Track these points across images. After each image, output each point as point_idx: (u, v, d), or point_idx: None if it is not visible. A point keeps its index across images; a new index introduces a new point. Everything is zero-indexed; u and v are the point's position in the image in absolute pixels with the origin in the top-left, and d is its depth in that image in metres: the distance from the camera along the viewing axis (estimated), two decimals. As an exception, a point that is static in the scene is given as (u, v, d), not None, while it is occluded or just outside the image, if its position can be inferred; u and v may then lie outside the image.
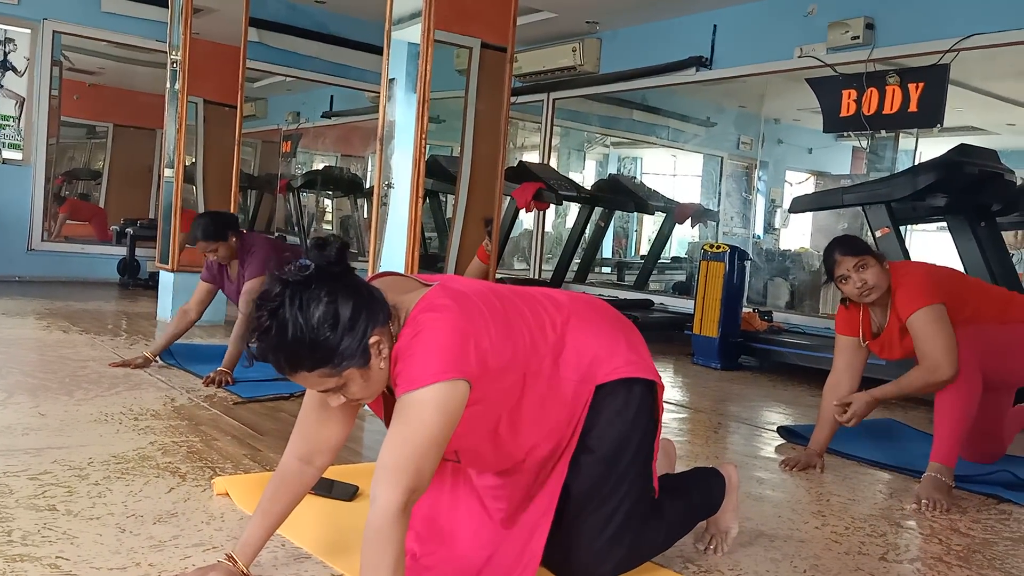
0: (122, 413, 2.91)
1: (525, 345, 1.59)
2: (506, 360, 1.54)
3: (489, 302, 1.58)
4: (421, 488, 1.40)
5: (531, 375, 1.61)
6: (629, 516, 1.70)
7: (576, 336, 1.68)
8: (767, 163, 7.22)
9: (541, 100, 8.05)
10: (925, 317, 2.69)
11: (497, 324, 1.54)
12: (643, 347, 1.81)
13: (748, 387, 4.69)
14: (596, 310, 1.80)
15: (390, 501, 1.35)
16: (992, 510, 2.63)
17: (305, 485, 1.65)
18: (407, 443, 1.39)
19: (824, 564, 2.04)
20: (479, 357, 1.47)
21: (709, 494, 1.99)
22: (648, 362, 1.77)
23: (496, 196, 3.76)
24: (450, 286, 1.55)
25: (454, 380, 1.41)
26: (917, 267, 2.90)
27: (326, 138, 10.37)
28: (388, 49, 3.46)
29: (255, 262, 3.79)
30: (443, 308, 1.46)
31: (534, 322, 1.65)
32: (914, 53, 5.27)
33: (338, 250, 1.44)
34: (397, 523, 1.35)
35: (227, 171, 5.68)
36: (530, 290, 1.77)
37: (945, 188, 4.32)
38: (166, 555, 1.74)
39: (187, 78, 5.35)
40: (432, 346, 1.42)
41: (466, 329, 1.46)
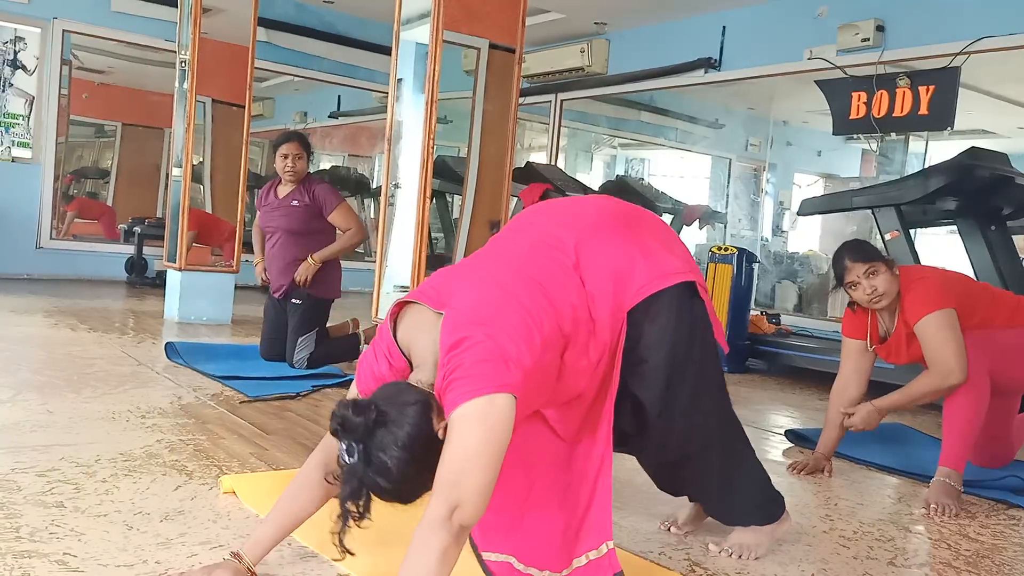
0: (129, 411, 2.92)
1: (552, 317, 1.55)
2: (540, 348, 1.51)
3: (502, 291, 1.53)
4: (469, 501, 1.38)
5: (567, 339, 1.60)
6: (696, 395, 1.79)
7: (592, 273, 1.65)
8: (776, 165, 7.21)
9: (549, 101, 8.05)
10: (935, 322, 2.67)
11: (519, 316, 1.50)
12: (659, 247, 1.76)
13: (756, 390, 4.67)
14: (601, 226, 1.75)
15: (432, 512, 1.38)
16: (1001, 515, 2.61)
17: (320, 498, 1.64)
18: (445, 460, 1.40)
19: (832, 568, 2.03)
20: (516, 364, 1.45)
21: (770, 492, 2.02)
22: (666, 265, 1.73)
23: (503, 197, 3.75)
24: (459, 306, 1.50)
25: (491, 395, 1.41)
26: (927, 272, 2.87)
27: (333, 138, 10.38)
28: (397, 49, 3.46)
29: (326, 190, 3.98)
30: (467, 340, 1.44)
31: (551, 283, 1.60)
32: (925, 55, 5.25)
33: (364, 408, 1.42)
34: (435, 533, 1.36)
35: (235, 170, 5.69)
36: (531, 234, 1.72)
37: (956, 191, 4.30)
38: (173, 552, 1.74)
39: (195, 77, 5.36)
40: (466, 373, 1.42)
41: (494, 350, 1.44)
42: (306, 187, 3.99)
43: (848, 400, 2.94)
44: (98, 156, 9.08)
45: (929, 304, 2.69)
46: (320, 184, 4.00)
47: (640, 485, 2.37)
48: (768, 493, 2.04)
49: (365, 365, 1.63)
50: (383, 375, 1.59)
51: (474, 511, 1.39)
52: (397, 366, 1.58)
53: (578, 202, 1.91)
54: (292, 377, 3.74)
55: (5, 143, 6.95)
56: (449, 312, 1.50)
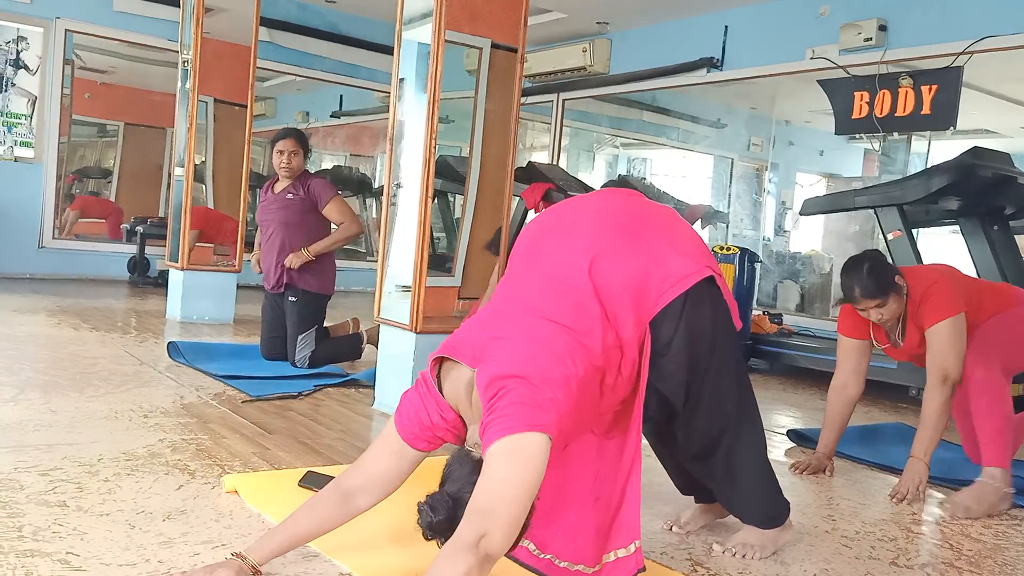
0: (132, 410, 2.92)
1: (584, 358, 1.60)
2: (576, 390, 1.56)
3: (533, 342, 1.57)
4: (497, 531, 1.40)
5: (603, 371, 1.65)
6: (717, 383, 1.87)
7: (611, 296, 1.69)
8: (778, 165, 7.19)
9: (551, 100, 8.05)
10: (948, 329, 2.69)
11: (551, 363, 1.54)
12: (668, 250, 1.78)
13: (758, 390, 4.62)
14: (609, 240, 1.76)
15: (459, 536, 1.41)
16: (1003, 516, 2.61)
17: (335, 520, 1.66)
18: (478, 491, 1.44)
19: (834, 568, 2.03)
20: (551, 407, 1.50)
21: (776, 491, 2.05)
22: (678, 269, 1.76)
23: (505, 196, 3.75)
24: (493, 363, 1.54)
25: (525, 433, 1.45)
26: (934, 276, 2.83)
27: (335, 138, 10.38)
28: (399, 49, 3.46)
29: (321, 184, 4.07)
30: (503, 389, 1.49)
31: (578, 325, 1.63)
32: (927, 55, 5.24)
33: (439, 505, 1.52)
34: (460, 555, 1.38)
35: (237, 170, 5.69)
36: (543, 268, 1.74)
37: (958, 191, 4.29)
38: (175, 552, 1.74)
39: (198, 77, 5.37)
40: (502, 415, 1.47)
41: (528, 394, 1.49)
42: (302, 182, 4.07)
43: (847, 399, 2.94)
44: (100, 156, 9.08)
45: (943, 311, 2.70)
46: (316, 179, 4.08)
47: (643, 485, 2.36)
48: (775, 492, 2.05)
49: (411, 411, 1.66)
50: (435, 424, 1.64)
51: (501, 541, 1.41)
52: (449, 419, 1.64)
53: (578, 212, 1.89)
54: (294, 376, 3.75)
55: (8, 143, 6.96)
56: (482, 368, 1.55)
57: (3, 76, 6.94)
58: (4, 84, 6.95)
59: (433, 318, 3.34)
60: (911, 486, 2.64)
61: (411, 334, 3.22)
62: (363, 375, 3.80)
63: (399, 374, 3.26)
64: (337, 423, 3.07)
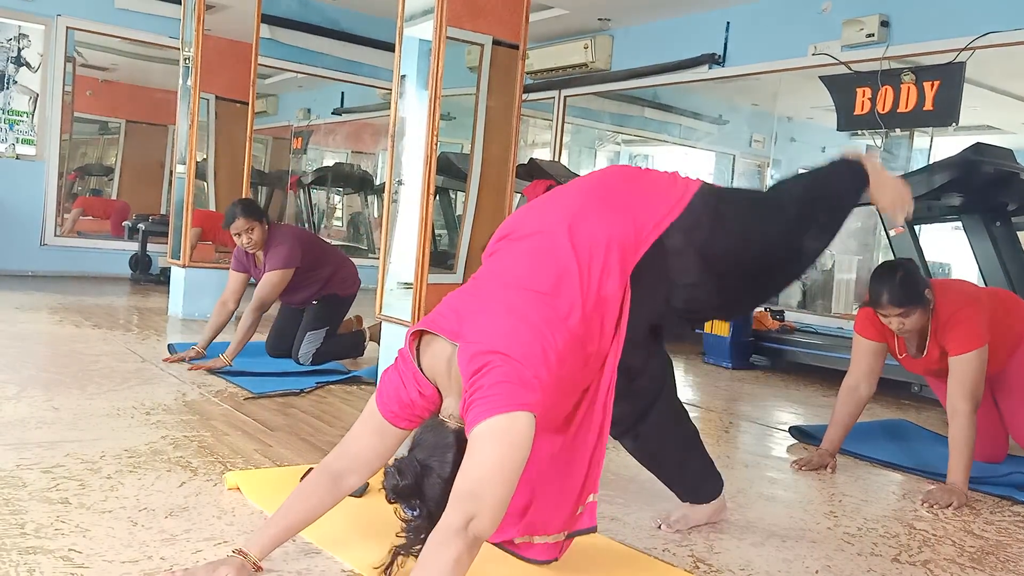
0: (134, 407, 2.92)
1: (563, 328, 1.59)
2: (556, 362, 1.55)
3: (512, 315, 1.57)
4: (485, 513, 1.40)
5: (583, 339, 1.64)
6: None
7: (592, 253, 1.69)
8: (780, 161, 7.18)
9: (552, 97, 8.04)
10: (976, 360, 2.69)
11: (531, 337, 1.54)
12: (642, 202, 1.79)
13: (760, 387, 4.66)
14: (593, 202, 1.79)
15: (447, 521, 1.41)
16: (1006, 512, 2.61)
17: (326, 504, 1.66)
18: (464, 473, 1.44)
19: (836, 565, 2.03)
20: (534, 383, 1.49)
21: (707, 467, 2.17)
22: (649, 217, 1.77)
23: (507, 193, 3.75)
24: (473, 337, 1.54)
25: (509, 413, 1.45)
26: (968, 303, 2.78)
27: (337, 135, 10.38)
28: (400, 46, 3.45)
29: (278, 256, 3.84)
30: (486, 366, 1.49)
31: (556, 292, 1.63)
32: (930, 51, 5.23)
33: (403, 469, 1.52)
34: (450, 541, 1.38)
35: (238, 167, 5.69)
36: (527, 240, 1.74)
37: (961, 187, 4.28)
38: (177, 549, 1.75)
39: (199, 74, 5.37)
40: (485, 394, 1.47)
41: (511, 372, 1.48)
42: (267, 247, 3.87)
43: (858, 400, 2.94)
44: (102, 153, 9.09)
45: (972, 342, 2.70)
46: (272, 248, 3.85)
47: (644, 481, 2.37)
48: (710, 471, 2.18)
49: (391, 389, 1.66)
50: (413, 401, 1.63)
51: (490, 522, 1.41)
52: (427, 394, 1.63)
53: (559, 190, 1.92)
54: (296, 373, 3.75)
55: (9, 140, 6.97)
56: (463, 344, 1.54)
57: (4, 73, 6.94)
58: (5, 82, 6.95)
59: (435, 315, 3.34)
60: (944, 502, 2.58)
61: (413, 331, 3.22)
62: (365, 372, 3.80)
63: (401, 371, 3.26)
64: (339, 420, 3.07)
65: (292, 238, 3.92)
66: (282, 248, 3.84)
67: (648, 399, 1.99)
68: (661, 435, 2.07)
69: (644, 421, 2.00)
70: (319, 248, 4.13)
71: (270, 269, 3.82)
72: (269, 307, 3.84)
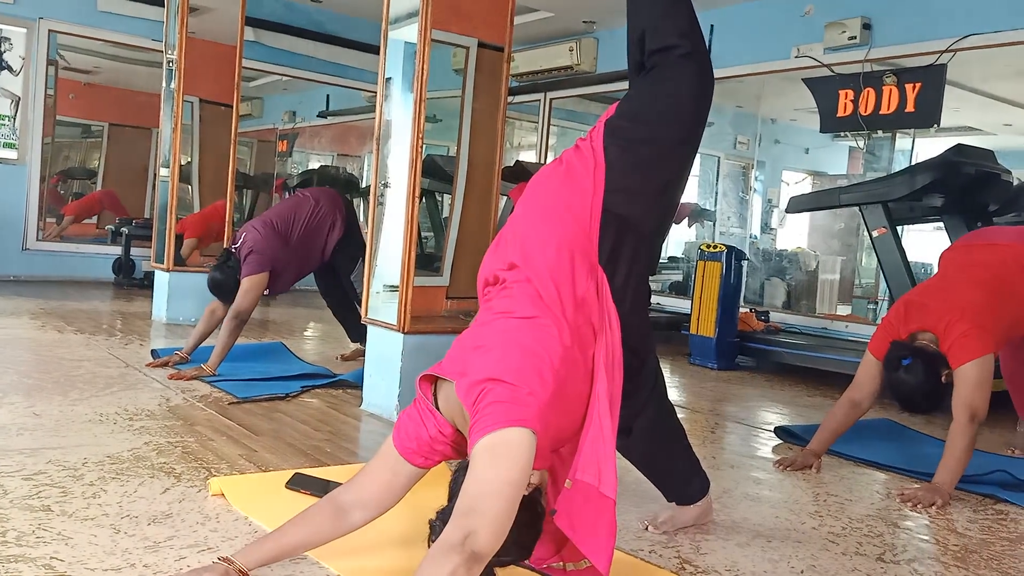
0: (117, 413, 2.90)
1: (556, 346, 1.61)
2: (552, 379, 1.56)
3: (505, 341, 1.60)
4: (483, 528, 1.39)
5: (579, 346, 1.65)
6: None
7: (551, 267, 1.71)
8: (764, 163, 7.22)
9: (538, 100, 8.04)
10: (976, 370, 2.68)
11: (523, 358, 1.56)
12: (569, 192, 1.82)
13: (745, 387, 4.68)
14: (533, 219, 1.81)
15: (445, 536, 1.40)
16: (989, 510, 2.63)
17: (325, 533, 1.65)
18: (463, 491, 1.45)
19: (821, 564, 2.04)
20: (530, 402, 1.51)
21: (695, 467, 2.19)
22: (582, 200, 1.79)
23: (493, 196, 3.74)
24: (471, 372, 1.56)
25: (505, 429, 1.46)
26: (964, 308, 2.77)
27: (322, 137, 10.34)
28: (385, 48, 3.44)
29: (248, 263, 3.83)
30: (481, 392, 1.51)
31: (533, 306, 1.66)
32: (911, 53, 5.27)
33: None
34: (446, 556, 1.36)
35: (223, 170, 5.65)
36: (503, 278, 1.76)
37: (942, 188, 4.33)
38: (161, 556, 1.73)
39: (183, 77, 5.33)
40: (483, 415, 1.49)
41: (505, 392, 1.50)
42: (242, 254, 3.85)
43: (857, 414, 2.98)
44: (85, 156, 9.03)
45: (970, 353, 2.70)
46: (251, 253, 3.81)
47: (630, 483, 2.37)
48: (697, 472, 2.20)
49: (410, 427, 1.67)
50: (432, 438, 1.65)
51: (488, 538, 1.39)
52: (446, 432, 1.65)
53: (511, 218, 1.92)
54: (281, 378, 3.73)
55: (-9, 144, 6.90)
56: (460, 379, 1.57)
57: (-15, 77, 6.88)
58: (-13, 85, 6.89)
59: (421, 318, 3.34)
60: (926, 502, 2.60)
61: (399, 335, 3.21)
62: (351, 376, 3.79)
63: (387, 375, 3.25)
64: (325, 424, 3.06)
65: (261, 241, 3.86)
66: (252, 256, 3.82)
67: (644, 397, 2.01)
68: (652, 435, 2.08)
69: (638, 419, 2.01)
70: (296, 227, 4.03)
71: (244, 276, 3.81)
72: (247, 315, 3.80)
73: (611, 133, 1.90)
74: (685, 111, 1.93)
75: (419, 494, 1.71)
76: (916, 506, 2.58)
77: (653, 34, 1.93)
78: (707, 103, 1.97)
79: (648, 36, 1.94)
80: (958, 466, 2.66)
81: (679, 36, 1.91)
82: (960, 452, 2.65)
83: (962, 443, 2.65)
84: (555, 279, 1.69)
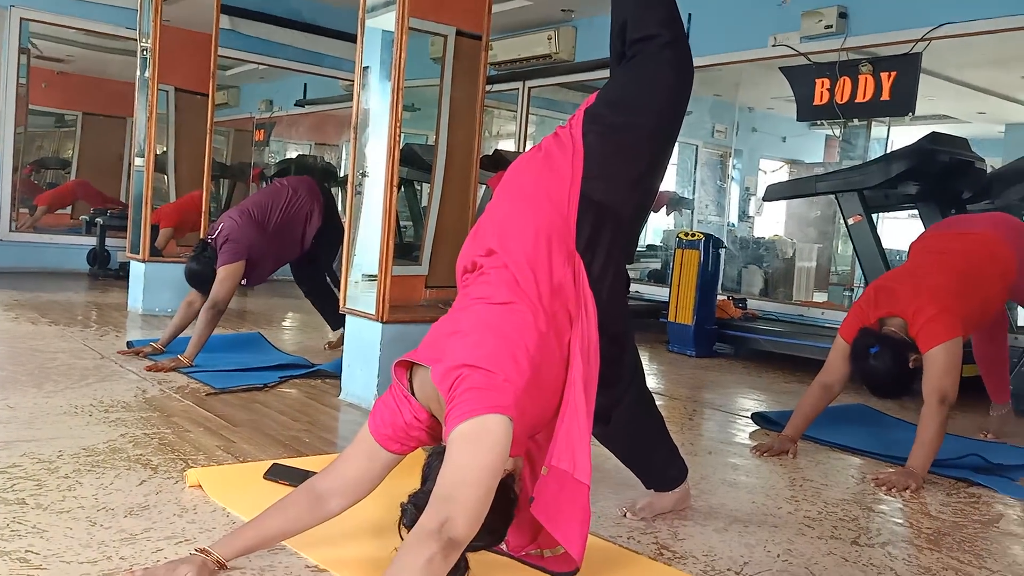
0: (92, 405, 2.87)
1: (531, 332, 1.61)
2: (528, 366, 1.57)
3: (481, 327, 1.61)
4: (459, 515, 1.39)
5: (555, 332, 1.66)
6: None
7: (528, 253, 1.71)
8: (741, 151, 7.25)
9: (517, 88, 8.02)
10: (944, 354, 2.72)
11: (498, 345, 1.57)
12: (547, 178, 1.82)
13: (723, 374, 4.72)
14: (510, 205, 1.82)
15: (422, 523, 1.40)
16: (962, 494, 2.67)
17: (303, 522, 1.65)
18: (440, 478, 1.45)
19: (797, 548, 2.06)
20: (506, 388, 1.51)
21: (673, 455, 2.20)
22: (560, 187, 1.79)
23: (471, 185, 3.74)
24: (447, 358, 1.56)
25: (481, 416, 1.46)
26: (929, 302, 2.79)
27: (300, 126, 10.27)
28: (362, 37, 3.42)
29: (224, 252, 3.79)
30: (458, 378, 1.51)
31: (510, 291, 1.66)
32: (887, 42, 5.31)
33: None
34: (423, 543, 1.37)
35: (199, 160, 5.60)
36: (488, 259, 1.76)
37: (917, 176, 4.37)
38: (137, 548, 1.72)
39: (158, 66, 5.27)
40: (459, 402, 1.49)
41: (481, 379, 1.51)
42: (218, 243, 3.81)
43: (829, 397, 3.01)
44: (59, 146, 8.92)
45: (937, 337, 2.73)
46: (227, 241, 3.78)
47: (609, 470, 2.39)
48: (675, 459, 2.21)
49: (385, 413, 1.67)
50: (408, 423, 1.65)
51: (464, 524, 1.40)
52: (422, 418, 1.64)
53: (489, 205, 1.93)
54: (259, 368, 3.71)
55: (-39, 134, 6.79)
56: (436, 365, 1.57)
57: (-45, 65, 6.76)
58: (-44, 73, 6.76)
59: (400, 307, 3.33)
60: (900, 486, 2.62)
61: (378, 324, 3.20)
62: (329, 366, 3.78)
63: (366, 364, 3.24)
64: (303, 415, 3.05)
65: (238, 229, 3.82)
66: (228, 244, 3.79)
67: (623, 385, 2.02)
68: (631, 422, 2.09)
69: (617, 407, 2.02)
70: (273, 216, 3.98)
71: (220, 265, 3.77)
72: (224, 304, 3.77)
73: (591, 120, 1.90)
74: (665, 100, 1.93)
75: (395, 480, 1.71)
76: (890, 490, 2.61)
77: (634, 23, 1.93)
78: (687, 92, 1.97)
79: (629, 25, 1.95)
80: (930, 450, 2.70)
81: (660, 25, 1.92)
82: (931, 436, 2.69)
83: (933, 426, 2.69)
84: (532, 265, 1.70)
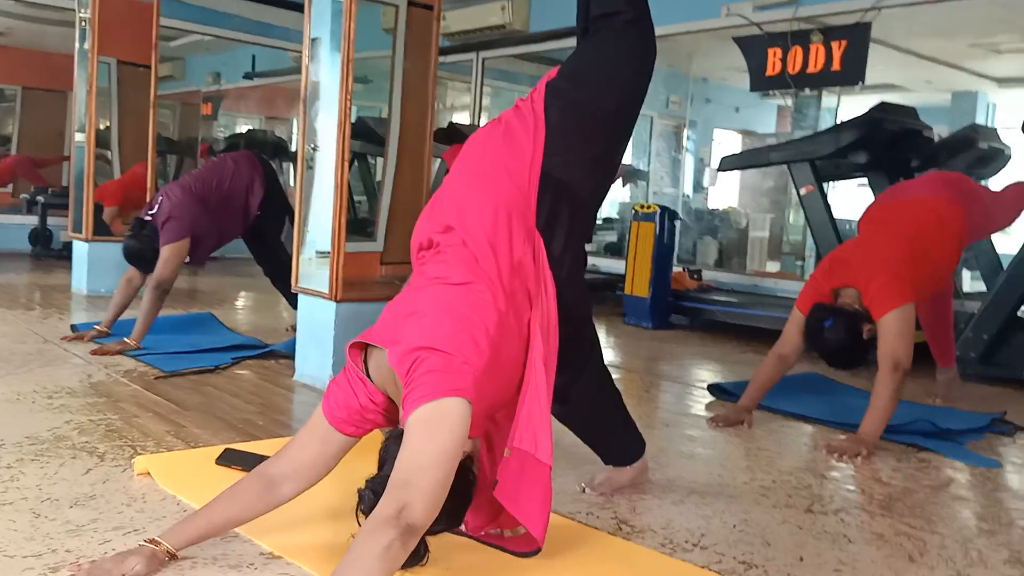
0: (35, 391, 2.78)
1: (490, 312, 1.59)
2: (487, 347, 1.54)
3: (438, 309, 1.57)
4: (417, 500, 1.37)
5: (514, 312, 1.64)
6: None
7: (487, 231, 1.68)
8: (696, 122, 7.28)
9: (470, 60, 7.93)
10: (897, 319, 2.75)
11: (456, 326, 1.54)
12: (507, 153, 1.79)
13: (679, 346, 4.76)
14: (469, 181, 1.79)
15: (379, 510, 1.38)
16: (912, 459, 2.73)
17: (255, 508, 1.62)
18: (397, 463, 1.42)
19: (753, 518, 2.09)
20: (464, 370, 1.49)
21: (631, 430, 2.19)
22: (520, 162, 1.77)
23: (425, 158, 3.68)
24: (404, 340, 1.53)
25: (439, 399, 1.44)
26: (881, 270, 2.83)
27: (249, 100, 10.04)
28: (310, 7, 3.33)
29: (166, 231, 3.67)
30: (415, 361, 1.48)
31: (468, 271, 1.63)
32: (837, 11, 5.34)
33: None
34: (380, 529, 1.34)
35: (144, 135, 5.43)
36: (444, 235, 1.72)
37: (867, 145, 4.42)
38: (84, 540, 1.67)
39: (98, 37, 5.08)
40: (417, 385, 1.46)
41: (439, 361, 1.48)
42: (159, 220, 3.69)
43: (785, 367, 3.05)
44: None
45: (889, 302, 2.77)
46: (168, 220, 3.66)
47: (568, 446, 2.38)
48: (633, 434, 2.21)
49: (340, 396, 1.63)
50: (363, 406, 1.62)
51: (423, 510, 1.38)
52: (378, 401, 1.62)
53: (447, 178, 1.89)
54: (211, 350, 3.63)
55: None
56: (391, 348, 1.53)
57: None
58: None
59: (354, 285, 3.27)
60: (851, 453, 2.66)
61: (331, 303, 3.15)
62: (282, 346, 3.71)
63: (320, 344, 3.19)
64: (257, 397, 3.00)
65: (180, 206, 3.69)
66: (171, 223, 3.66)
67: (581, 364, 2.00)
68: (588, 402, 2.08)
69: (576, 386, 2.00)
70: (214, 191, 3.86)
71: (163, 244, 3.65)
72: (170, 284, 3.66)
73: (552, 94, 1.86)
74: (627, 77, 1.91)
75: (350, 464, 1.68)
76: (841, 457, 2.66)
77: None
78: (649, 70, 1.95)
79: (593, 1, 1.91)
80: (882, 416, 2.75)
81: (624, 2, 1.89)
82: (884, 402, 2.74)
83: (886, 393, 2.73)
84: (492, 243, 1.67)
